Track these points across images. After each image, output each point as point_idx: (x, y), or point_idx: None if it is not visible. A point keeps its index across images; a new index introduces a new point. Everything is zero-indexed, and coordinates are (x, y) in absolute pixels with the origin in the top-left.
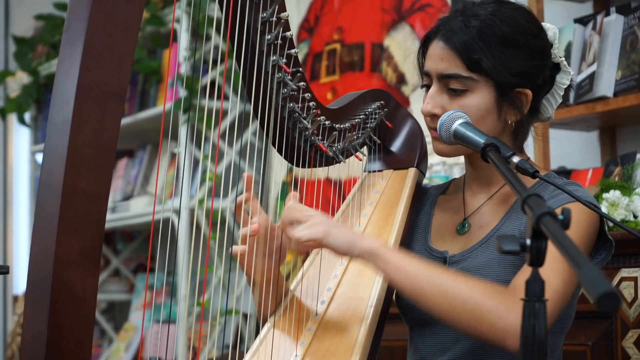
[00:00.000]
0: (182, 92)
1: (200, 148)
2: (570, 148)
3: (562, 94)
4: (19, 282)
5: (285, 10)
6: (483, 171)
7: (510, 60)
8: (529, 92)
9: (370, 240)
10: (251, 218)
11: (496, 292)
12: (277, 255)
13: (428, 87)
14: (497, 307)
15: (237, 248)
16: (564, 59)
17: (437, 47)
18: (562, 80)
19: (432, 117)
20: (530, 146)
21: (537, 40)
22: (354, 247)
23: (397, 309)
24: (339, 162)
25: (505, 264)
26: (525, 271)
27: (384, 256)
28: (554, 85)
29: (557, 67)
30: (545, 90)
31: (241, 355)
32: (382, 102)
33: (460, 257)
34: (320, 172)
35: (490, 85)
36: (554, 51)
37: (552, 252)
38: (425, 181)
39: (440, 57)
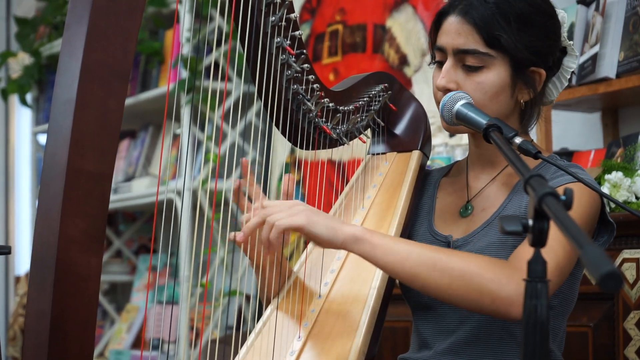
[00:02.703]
0: (185, 73)
1: (202, 129)
2: (573, 129)
3: (568, 77)
4: (21, 262)
5: None
6: (486, 150)
7: (528, 38)
8: (542, 71)
9: (353, 226)
10: (253, 204)
11: (493, 263)
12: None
13: (440, 63)
14: (496, 277)
15: (239, 234)
16: (572, 42)
17: (453, 22)
18: (569, 64)
19: (446, 92)
20: (533, 128)
21: (552, 21)
22: (336, 234)
23: (400, 291)
24: (343, 145)
25: (506, 246)
26: (525, 245)
27: (370, 240)
28: (560, 68)
29: (564, 51)
30: (552, 73)
31: (244, 336)
32: (386, 84)
33: (463, 242)
34: (323, 154)
35: (507, 62)
36: (563, 34)
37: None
38: (427, 162)
39: (458, 32)
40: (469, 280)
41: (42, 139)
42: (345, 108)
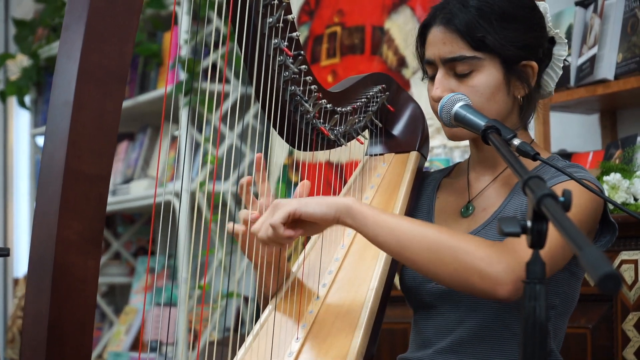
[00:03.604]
0: (183, 75)
1: (200, 131)
2: (571, 131)
3: (561, 65)
4: (20, 264)
5: None
6: (487, 153)
7: (513, 34)
8: (534, 64)
9: (345, 198)
10: (259, 200)
11: (483, 242)
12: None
13: (432, 77)
14: (486, 255)
15: (237, 227)
16: (558, 31)
17: (437, 33)
18: (560, 52)
19: None
20: (531, 129)
21: (534, 13)
22: (329, 207)
23: (400, 292)
24: (341, 146)
25: None
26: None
27: (361, 211)
28: (552, 59)
29: (552, 41)
30: (545, 64)
31: (242, 338)
32: (383, 85)
33: None
34: (321, 155)
35: (496, 61)
36: (548, 24)
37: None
38: (426, 164)
39: (443, 42)
40: (458, 257)
41: (41, 141)
42: (343, 109)
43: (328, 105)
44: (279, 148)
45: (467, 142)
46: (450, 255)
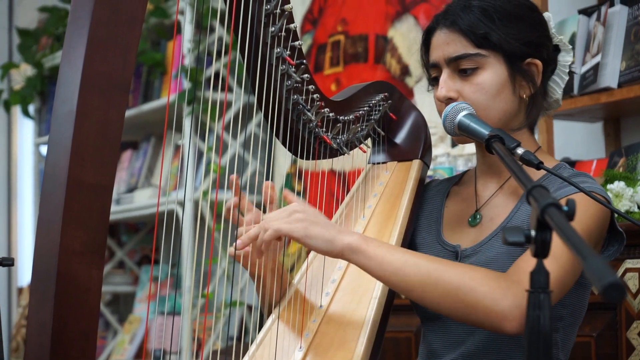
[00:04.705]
0: (186, 84)
1: (204, 140)
2: (575, 139)
3: (567, 71)
4: (24, 274)
5: (289, 2)
6: (492, 160)
7: (516, 31)
8: (538, 62)
9: (351, 235)
10: (245, 217)
11: (488, 277)
12: (274, 247)
13: (437, 79)
14: (491, 291)
15: (237, 243)
16: (562, 37)
17: (441, 35)
18: (565, 58)
19: (448, 102)
20: (535, 137)
21: (535, 14)
22: (334, 246)
23: (404, 301)
24: (343, 154)
25: (515, 256)
26: (525, 256)
27: (366, 250)
28: (557, 65)
29: (557, 49)
30: (550, 69)
31: (246, 347)
32: (386, 94)
33: (471, 251)
34: (324, 164)
35: (500, 58)
36: (552, 31)
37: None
38: (429, 173)
39: (446, 42)
40: (463, 295)
41: (45, 150)
42: (346, 118)
43: (331, 114)
44: (282, 157)
45: (470, 150)
46: (455, 293)
